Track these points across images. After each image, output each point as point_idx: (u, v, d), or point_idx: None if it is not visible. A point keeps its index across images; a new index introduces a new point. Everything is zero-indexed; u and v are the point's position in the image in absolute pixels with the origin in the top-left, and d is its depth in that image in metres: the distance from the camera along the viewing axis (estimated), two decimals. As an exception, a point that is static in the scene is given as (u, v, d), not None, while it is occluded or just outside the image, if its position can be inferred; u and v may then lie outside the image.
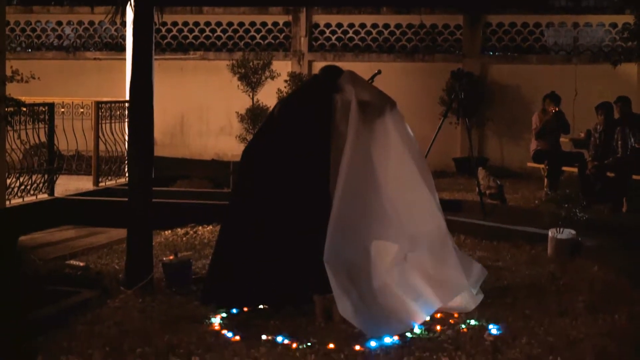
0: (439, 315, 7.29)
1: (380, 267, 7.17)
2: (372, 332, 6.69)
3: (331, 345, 6.45)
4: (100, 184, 13.46)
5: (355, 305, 6.83)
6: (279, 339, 6.60)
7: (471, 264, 7.78)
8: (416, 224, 7.36)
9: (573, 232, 9.64)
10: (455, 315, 7.33)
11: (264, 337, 6.66)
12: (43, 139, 11.91)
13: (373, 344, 6.51)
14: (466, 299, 7.46)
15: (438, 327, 6.99)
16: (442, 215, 7.53)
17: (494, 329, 6.88)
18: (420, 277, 7.25)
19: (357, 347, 6.43)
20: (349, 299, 6.82)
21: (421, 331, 6.90)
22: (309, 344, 6.52)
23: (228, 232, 7.65)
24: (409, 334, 6.79)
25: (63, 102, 13.59)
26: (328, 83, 7.62)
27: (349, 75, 7.62)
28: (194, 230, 11.11)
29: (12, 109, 9.64)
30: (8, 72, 9.69)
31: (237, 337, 6.68)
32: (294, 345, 6.49)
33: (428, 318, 7.16)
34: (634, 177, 12.24)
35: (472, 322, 7.12)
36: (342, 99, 7.40)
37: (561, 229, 9.59)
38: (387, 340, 6.59)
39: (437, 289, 7.25)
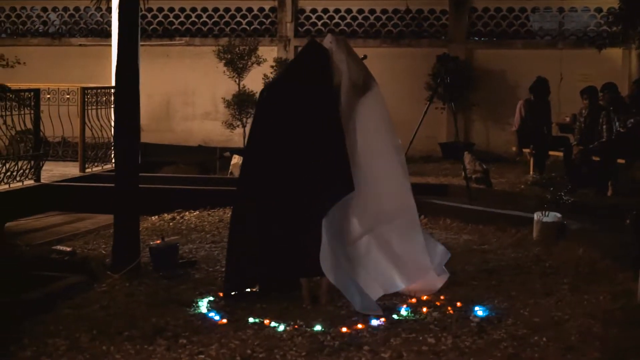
0: (424, 297, 7.33)
1: (346, 241, 7.25)
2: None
3: (318, 327, 6.49)
4: (87, 170, 13.45)
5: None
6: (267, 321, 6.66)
7: (435, 245, 7.80)
8: (384, 200, 7.36)
9: (558, 215, 9.69)
10: (442, 297, 7.37)
11: (250, 319, 6.70)
12: (29, 125, 11.86)
13: (361, 326, 6.55)
14: (431, 279, 7.51)
15: (424, 309, 7.02)
16: (412, 196, 7.52)
17: (479, 311, 6.93)
18: (385, 255, 7.33)
19: (344, 329, 6.46)
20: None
21: (408, 313, 6.94)
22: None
23: (235, 214, 7.62)
24: (395, 316, 6.84)
25: (49, 88, 13.58)
26: (321, 50, 7.46)
27: (342, 42, 7.49)
28: (181, 215, 11.12)
29: (-3, 94, 9.64)
30: (-7, 58, 9.69)
31: (224, 320, 6.70)
32: (281, 327, 6.54)
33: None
34: (619, 161, 12.29)
35: (458, 304, 7.17)
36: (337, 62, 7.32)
37: (547, 212, 9.64)
38: (374, 322, 6.64)
39: (401, 268, 7.35)
